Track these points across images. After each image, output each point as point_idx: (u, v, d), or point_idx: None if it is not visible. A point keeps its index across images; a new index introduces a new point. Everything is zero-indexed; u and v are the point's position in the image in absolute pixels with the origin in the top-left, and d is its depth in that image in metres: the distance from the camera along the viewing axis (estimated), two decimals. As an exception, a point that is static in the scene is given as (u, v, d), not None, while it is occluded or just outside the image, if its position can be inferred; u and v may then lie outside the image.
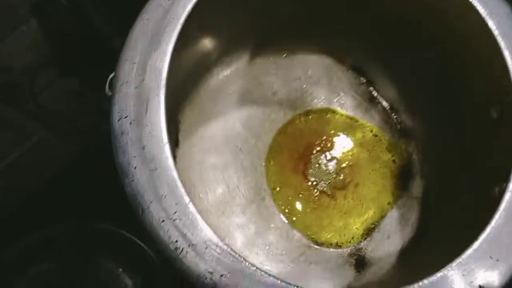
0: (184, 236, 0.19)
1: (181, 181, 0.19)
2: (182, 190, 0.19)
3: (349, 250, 0.34)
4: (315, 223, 0.35)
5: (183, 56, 0.28)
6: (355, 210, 0.35)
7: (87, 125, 0.48)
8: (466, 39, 0.27)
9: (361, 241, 0.34)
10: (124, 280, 0.39)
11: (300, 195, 0.36)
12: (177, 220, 0.19)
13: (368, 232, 0.35)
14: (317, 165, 0.36)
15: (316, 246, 0.34)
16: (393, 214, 0.35)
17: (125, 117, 0.20)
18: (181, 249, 0.19)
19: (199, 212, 0.19)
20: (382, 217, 0.35)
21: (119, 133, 0.20)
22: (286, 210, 0.35)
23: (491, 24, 0.23)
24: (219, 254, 0.19)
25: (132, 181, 0.20)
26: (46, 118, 0.43)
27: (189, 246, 0.19)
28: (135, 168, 0.20)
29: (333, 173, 0.36)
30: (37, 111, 0.42)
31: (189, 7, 0.22)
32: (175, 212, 0.19)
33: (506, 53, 0.24)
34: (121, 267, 0.38)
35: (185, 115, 0.35)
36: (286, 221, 0.35)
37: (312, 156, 0.37)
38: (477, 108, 0.29)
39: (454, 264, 0.20)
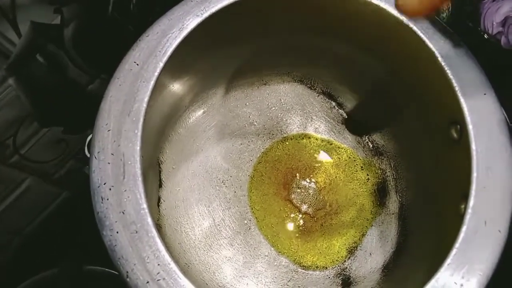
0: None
1: (162, 241, 0.21)
2: (163, 250, 0.21)
3: (334, 271, 0.35)
4: (300, 247, 0.36)
5: (158, 106, 0.30)
6: (336, 230, 0.37)
7: (72, 169, 0.49)
8: (419, 69, 0.29)
9: (345, 261, 0.36)
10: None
11: (284, 221, 0.37)
12: (161, 280, 0.20)
13: (351, 251, 0.36)
14: (298, 190, 0.38)
15: (303, 270, 0.36)
16: (373, 232, 0.36)
17: (104, 184, 0.22)
18: (167, 307, 0.20)
19: (182, 269, 0.20)
20: (363, 235, 0.37)
21: (100, 199, 0.21)
22: (272, 238, 0.37)
23: (440, 59, 0.25)
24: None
25: (115, 245, 0.21)
26: (32, 167, 0.44)
27: (175, 304, 0.20)
28: (117, 232, 0.21)
29: (313, 196, 0.38)
30: (23, 162, 0.43)
31: (158, 70, 0.23)
32: (158, 273, 0.20)
33: (453, 81, 0.26)
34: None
35: (166, 155, 0.36)
36: (273, 249, 0.36)
37: (292, 181, 0.38)
38: (440, 127, 0.30)
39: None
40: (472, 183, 0.23)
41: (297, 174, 0.38)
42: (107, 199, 0.21)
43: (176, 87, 0.34)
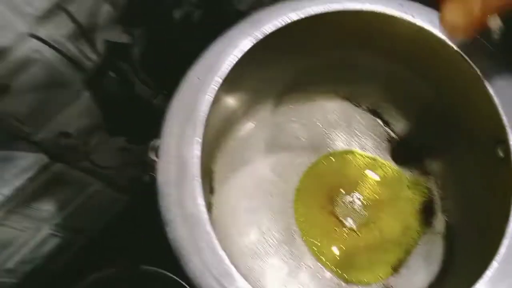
0: (220, 284, 0.22)
1: (216, 231, 0.23)
2: (216, 243, 0.23)
3: (377, 287, 0.36)
4: (344, 261, 0.37)
5: (213, 118, 0.33)
6: (381, 247, 0.37)
7: (134, 176, 0.53)
8: (463, 89, 0.29)
9: (388, 278, 0.36)
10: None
11: (328, 234, 0.38)
12: (214, 270, 0.22)
13: (395, 268, 0.36)
14: (342, 205, 0.39)
15: (346, 285, 0.36)
16: (418, 251, 0.36)
17: (168, 182, 0.24)
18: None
19: (233, 261, 0.22)
20: (408, 253, 0.37)
21: (164, 195, 0.24)
22: (316, 250, 0.38)
23: (486, 83, 0.26)
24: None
25: (175, 236, 0.23)
26: (99, 172, 0.49)
27: (225, 295, 0.22)
28: (177, 224, 0.24)
29: (358, 212, 0.39)
30: (91, 167, 0.47)
31: (216, 84, 0.26)
32: (212, 263, 0.23)
33: (496, 101, 0.26)
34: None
35: (218, 164, 0.39)
36: (317, 261, 0.37)
37: (337, 196, 0.39)
38: (486, 147, 0.31)
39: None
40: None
41: (342, 189, 0.40)
42: (170, 195, 0.24)
43: (230, 101, 0.37)
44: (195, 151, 0.25)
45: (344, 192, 0.39)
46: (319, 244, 0.38)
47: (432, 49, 0.28)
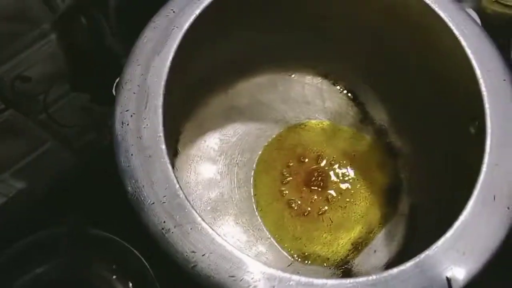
0: (171, 217, 0.20)
1: (172, 169, 0.21)
2: (172, 175, 0.21)
3: (336, 263, 0.35)
4: (304, 235, 0.36)
5: (185, 69, 0.31)
6: (344, 224, 0.36)
7: (92, 139, 0.51)
8: (446, 62, 0.29)
9: (348, 255, 0.35)
10: (116, 287, 0.39)
11: (291, 208, 0.37)
12: (166, 203, 0.21)
13: (356, 246, 0.35)
14: (308, 179, 0.38)
15: (304, 258, 0.35)
16: (380, 230, 0.36)
17: (127, 110, 0.23)
18: (167, 229, 0.20)
19: (187, 196, 0.21)
20: (370, 232, 0.36)
21: (120, 123, 0.22)
22: (276, 223, 0.36)
23: (464, 45, 0.26)
24: (202, 235, 0.20)
25: (128, 166, 0.21)
26: (56, 129, 0.46)
27: (175, 227, 0.20)
28: (131, 154, 0.22)
29: (324, 187, 0.38)
30: (48, 122, 0.44)
31: (191, 18, 0.25)
32: (164, 196, 0.21)
33: (478, 73, 0.26)
34: (114, 274, 0.39)
35: (184, 127, 0.37)
36: (276, 233, 0.36)
37: (305, 170, 0.38)
38: (458, 126, 0.30)
39: (422, 256, 0.21)
40: (485, 158, 0.23)
41: (310, 163, 0.39)
42: (127, 124, 0.22)
43: (202, 59, 0.35)
44: (160, 81, 0.23)
45: (312, 167, 0.38)
46: (280, 217, 0.37)
47: (415, 16, 0.28)
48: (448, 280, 0.20)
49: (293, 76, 0.41)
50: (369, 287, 0.20)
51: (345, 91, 0.40)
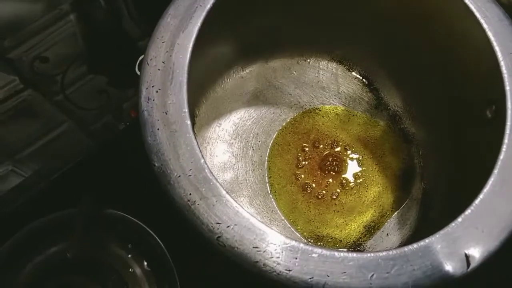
0: (197, 190, 0.21)
1: (197, 143, 0.22)
2: (197, 150, 0.22)
3: (348, 245, 0.35)
4: (317, 218, 0.37)
5: (205, 51, 0.31)
6: (357, 208, 0.37)
7: (108, 122, 0.51)
8: (465, 46, 0.29)
9: (360, 238, 0.36)
10: (132, 266, 0.40)
11: (305, 191, 0.37)
12: (192, 176, 0.21)
13: (368, 229, 0.36)
14: (323, 163, 0.38)
15: (317, 239, 0.35)
16: (393, 214, 0.36)
17: (152, 86, 0.23)
18: (193, 201, 0.21)
19: (211, 170, 0.21)
20: (383, 216, 0.36)
21: (146, 98, 0.23)
22: (289, 205, 0.37)
23: (486, 27, 0.26)
24: (227, 207, 0.21)
25: (154, 140, 0.22)
26: (73, 111, 0.46)
27: (200, 199, 0.21)
28: (158, 129, 0.22)
29: (338, 172, 0.38)
30: (65, 103, 0.45)
31: (214, -1, 0.25)
32: (190, 169, 0.21)
33: (499, 56, 0.26)
34: (129, 253, 0.40)
35: (201, 109, 0.38)
36: (289, 215, 0.36)
37: (319, 154, 0.39)
38: (473, 111, 0.31)
39: (441, 232, 0.21)
40: (505, 139, 0.23)
41: (324, 148, 0.39)
42: (153, 100, 0.23)
43: (222, 42, 0.36)
44: (185, 58, 0.24)
45: (326, 151, 0.39)
46: (294, 199, 0.37)
47: (434, 4, 0.28)
48: (467, 256, 0.20)
49: (308, 61, 0.41)
50: (390, 261, 0.20)
51: (359, 77, 0.41)
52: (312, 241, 0.36)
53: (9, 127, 0.42)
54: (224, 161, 0.38)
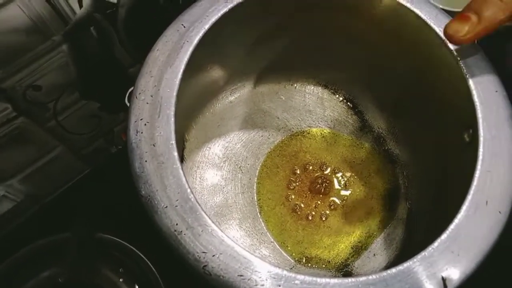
0: (183, 220, 0.22)
1: (184, 174, 0.23)
2: (184, 180, 0.22)
3: (336, 266, 0.36)
4: (306, 239, 0.37)
5: (193, 80, 0.33)
6: (344, 228, 0.38)
7: (100, 148, 0.52)
8: (441, 75, 0.31)
9: (348, 258, 0.36)
10: (123, 290, 0.40)
11: (294, 212, 0.38)
12: (178, 207, 0.22)
13: (356, 250, 0.37)
14: (312, 186, 0.39)
15: (306, 261, 0.36)
16: (379, 234, 0.37)
17: (141, 119, 0.24)
18: (179, 231, 0.21)
19: (198, 200, 0.22)
20: (369, 236, 0.37)
21: (135, 131, 0.24)
22: (278, 227, 0.38)
23: (461, 63, 0.27)
24: (213, 236, 0.21)
25: (142, 172, 0.23)
26: (65, 136, 0.47)
27: (187, 229, 0.22)
28: (145, 161, 0.23)
29: (325, 193, 0.39)
30: (58, 129, 0.46)
31: (201, 33, 0.26)
32: (177, 200, 0.22)
33: (470, 83, 0.28)
34: (121, 277, 0.40)
35: (191, 134, 0.39)
36: (279, 236, 0.37)
37: (307, 176, 0.40)
38: (453, 134, 0.32)
39: (419, 256, 0.22)
40: (478, 165, 0.24)
41: (312, 170, 0.40)
42: (142, 132, 0.24)
43: (210, 69, 0.37)
44: (172, 92, 0.25)
45: (313, 173, 0.40)
46: (283, 221, 0.38)
47: (410, 30, 0.30)
48: (443, 279, 0.21)
49: (294, 85, 0.42)
50: (369, 286, 0.21)
51: (344, 100, 0.42)
52: (301, 262, 0.36)
53: (1, 154, 0.43)
54: (214, 184, 0.39)
